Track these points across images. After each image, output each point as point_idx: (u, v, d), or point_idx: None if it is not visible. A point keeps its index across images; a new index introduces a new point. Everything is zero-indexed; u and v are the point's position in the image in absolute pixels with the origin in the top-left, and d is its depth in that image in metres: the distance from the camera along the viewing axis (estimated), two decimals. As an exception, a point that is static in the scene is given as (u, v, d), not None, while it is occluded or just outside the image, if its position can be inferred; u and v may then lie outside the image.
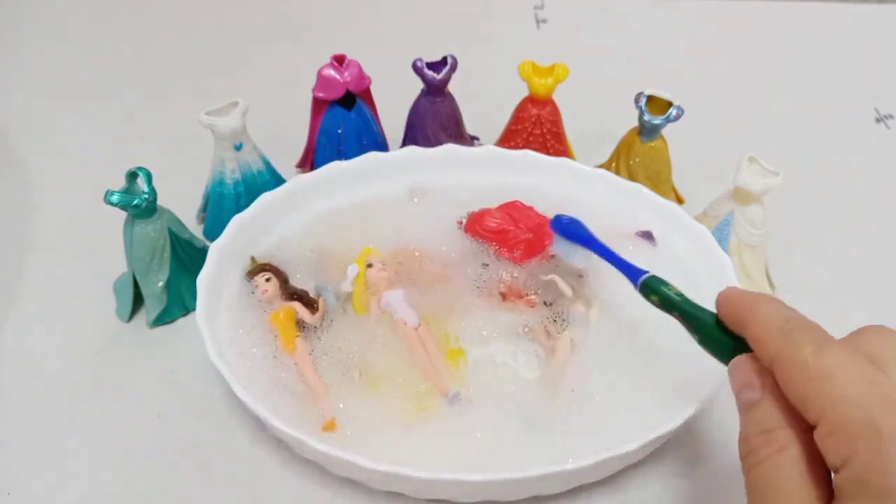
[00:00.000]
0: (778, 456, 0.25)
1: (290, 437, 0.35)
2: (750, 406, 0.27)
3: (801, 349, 0.26)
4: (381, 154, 0.50)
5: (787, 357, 0.26)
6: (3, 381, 0.43)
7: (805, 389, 0.25)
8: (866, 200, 0.57)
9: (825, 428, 0.24)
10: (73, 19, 0.76)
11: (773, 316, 0.28)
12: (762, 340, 0.28)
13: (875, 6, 0.80)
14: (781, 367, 0.26)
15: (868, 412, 0.23)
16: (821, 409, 0.24)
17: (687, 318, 0.33)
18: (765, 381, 0.27)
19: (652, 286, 0.35)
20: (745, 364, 0.28)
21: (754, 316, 0.28)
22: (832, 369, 0.25)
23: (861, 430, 0.23)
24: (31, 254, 0.51)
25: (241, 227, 0.45)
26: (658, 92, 0.49)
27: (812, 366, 0.25)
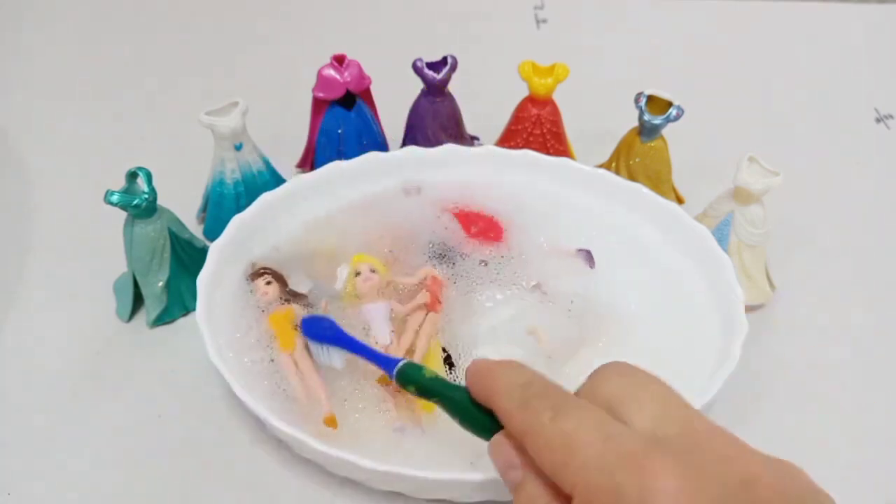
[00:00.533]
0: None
1: (290, 437, 0.35)
2: (516, 487, 0.27)
3: (540, 418, 0.25)
4: (381, 154, 0.50)
5: (529, 429, 0.26)
6: (3, 381, 0.43)
7: (552, 460, 0.25)
8: (866, 200, 0.57)
9: (578, 499, 0.24)
10: (73, 19, 0.76)
11: (511, 384, 0.27)
12: (507, 414, 0.27)
13: (875, 6, 0.80)
14: (528, 441, 0.26)
15: (610, 476, 0.23)
16: (570, 481, 0.24)
17: (443, 400, 0.32)
18: (524, 458, 0.27)
19: (408, 375, 0.34)
20: (503, 443, 0.28)
21: (496, 387, 0.28)
22: (570, 435, 0.24)
23: (607, 496, 0.23)
24: (31, 254, 0.51)
25: (241, 227, 0.45)
26: (658, 92, 0.49)
27: (552, 435, 0.25)
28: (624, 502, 0.22)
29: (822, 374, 0.45)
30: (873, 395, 0.44)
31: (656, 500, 0.22)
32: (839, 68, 0.72)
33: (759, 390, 0.43)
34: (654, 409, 0.25)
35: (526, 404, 0.26)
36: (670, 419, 0.25)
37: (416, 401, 0.38)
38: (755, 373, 0.43)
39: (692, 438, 0.25)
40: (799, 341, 0.46)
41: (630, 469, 0.23)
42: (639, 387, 0.27)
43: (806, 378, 0.44)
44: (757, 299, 0.47)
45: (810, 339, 0.47)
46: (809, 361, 0.45)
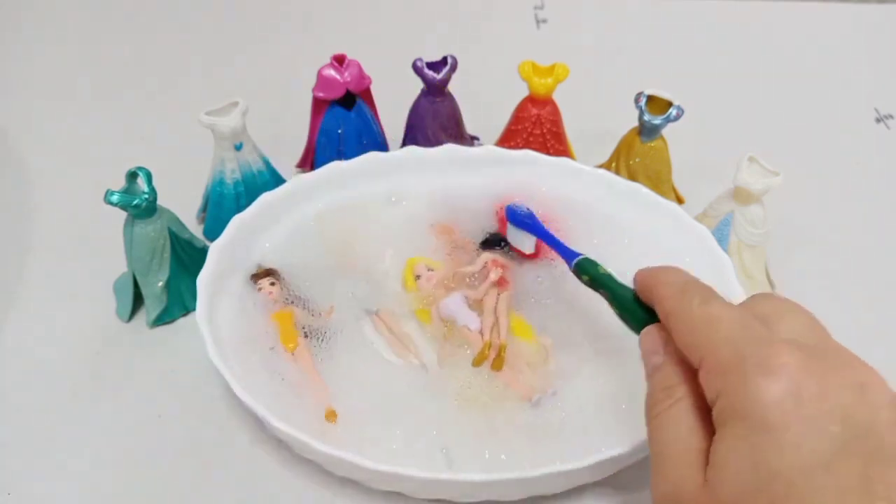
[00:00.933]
0: (675, 406, 0.28)
1: (290, 437, 0.35)
2: (655, 369, 0.30)
3: (690, 302, 0.29)
4: (381, 154, 0.50)
5: (678, 310, 0.29)
6: (3, 381, 0.43)
7: (690, 336, 0.28)
8: (866, 200, 0.57)
9: (704, 368, 0.27)
10: (73, 19, 0.76)
11: (672, 280, 0.31)
12: (661, 299, 0.30)
13: (875, 6, 0.80)
14: (673, 320, 0.29)
15: (737, 349, 0.26)
16: (702, 352, 0.27)
17: (611, 293, 0.35)
18: (668, 347, 0.30)
19: (584, 267, 0.38)
20: (653, 332, 0.31)
21: (658, 281, 0.31)
22: (713, 317, 0.27)
23: (731, 365, 0.25)
24: (31, 254, 0.51)
25: (241, 227, 0.45)
26: (658, 92, 0.49)
27: (696, 315, 0.28)
28: (743, 369, 0.25)
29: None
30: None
31: (775, 370, 0.24)
32: (839, 68, 0.72)
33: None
34: (798, 323, 0.28)
35: (682, 292, 0.29)
36: (809, 333, 0.27)
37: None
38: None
39: (824, 347, 0.27)
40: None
41: (758, 345, 0.25)
42: (790, 309, 0.29)
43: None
44: (757, 299, 0.47)
45: (810, 339, 0.47)
46: (809, 361, 0.45)
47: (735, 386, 0.25)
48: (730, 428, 0.25)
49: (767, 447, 0.23)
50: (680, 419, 0.27)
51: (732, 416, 0.25)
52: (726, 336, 0.26)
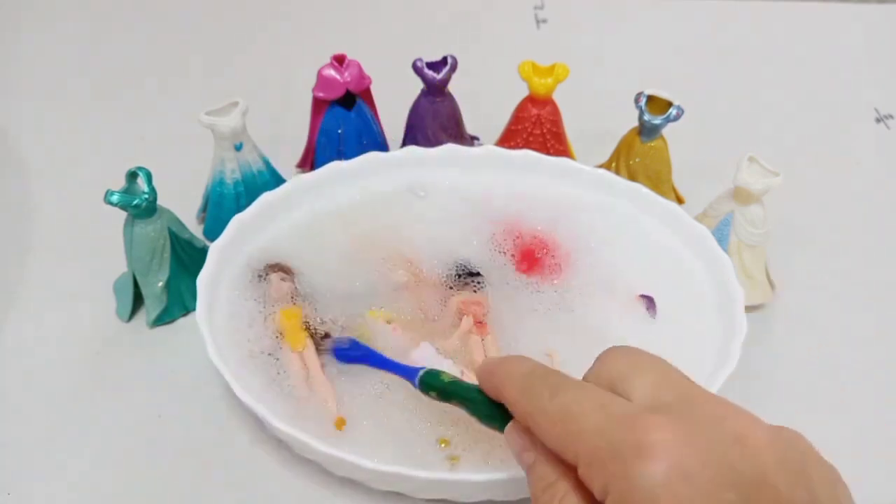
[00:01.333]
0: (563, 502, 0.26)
1: (290, 437, 0.35)
2: (529, 468, 0.28)
3: (541, 398, 0.27)
4: (381, 154, 0.50)
5: (532, 410, 0.27)
6: (3, 381, 0.43)
7: (553, 435, 0.26)
8: (866, 200, 0.57)
9: (582, 464, 0.25)
10: (73, 19, 0.76)
11: (515, 374, 0.29)
12: (511, 402, 0.29)
13: (875, 6, 0.80)
14: (532, 422, 0.27)
15: (606, 437, 0.24)
16: (571, 449, 0.25)
17: (461, 401, 0.33)
18: (534, 441, 0.28)
19: (428, 383, 0.35)
20: (516, 430, 0.29)
21: (501, 379, 0.30)
22: (568, 407, 0.26)
23: (606, 456, 0.24)
24: (31, 254, 0.51)
25: (241, 227, 0.45)
26: (658, 92, 0.49)
27: (551, 410, 0.26)
28: (621, 458, 0.23)
29: (821, 373, 0.45)
30: (874, 394, 0.44)
31: (652, 452, 0.23)
32: (839, 68, 0.72)
33: (759, 390, 0.43)
34: (653, 380, 0.26)
35: (528, 389, 0.28)
36: (667, 388, 0.26)
37: None
38: (755, 373, 0.43)
39: (688, 402, 0.26)
40: (799, 341, 0.46)
41: (625, 428, 0.24)
42: (639, 364, 0.28)
43: (806, 378, 0.44)
44: (757, 299, 0.47)
45: (810, 339, 0.47)
46: (809, 361, 0.45)
47: (619, 478, 0.23)
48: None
49: None
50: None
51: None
52: (590, 426, 0.25)
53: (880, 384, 0.44)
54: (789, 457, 0.24)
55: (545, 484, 0.27)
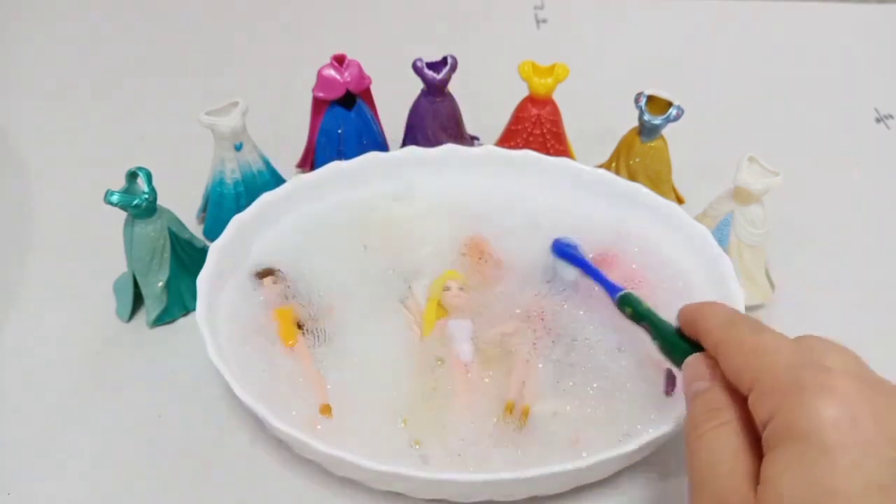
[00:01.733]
0: (720, 428, 0.28)
1: (290, 437, 0.35)
2: (698, 393, 0.30)
3: (740, 332, 0.29)
4: (381, 154, 0.50)
5: (728, 338, 0.30)
6: (3, 381, 0.43)
7: (741, 362, 0.28)
8: (866, 200, 0.57)
9: (756, 392, 0.27)
10: (72, 19, 0.76)
11: (719, 312, 0.32)
12: (709, 330, 0.31)
13: (875, 6, 0.80)
14: (724, 348, 0.29)
15: (795, 372, 0.26)
16: (754, 376, 0.27)
17: (653, 326, 0.37)
18: (714, 373, 0.30)
19: (627, 301, 0.39)
20: (697, 360, 0.31)
21: (703, 314, 0.32)
22: (765, 344, 0.28)
23: (788, 386, 0.26)
24: (31, 254, 0.51)
25: (241, 227, 0.45)
26: (658, 92, 0.49)
27: (748, 343, 0.29)
28: (802, 390, 0.25)
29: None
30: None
31: (832, 394, 0.25)
32: (839, 68, 0.72)
33: (759, 390, 0.43)
34: (844, 359, 0.28)
35: (732, 323, 0.30)
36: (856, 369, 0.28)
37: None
38: (755, 373, 0.43)
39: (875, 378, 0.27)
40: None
41: (816, 371, 0.26)
42: (835, 347, 0.29)
43: (806, 378, 0.44)
44: (757, 299, 0.47)
45: (810, 339, 0.47)
46: (809, 361, 0.45)
47: (791, 406, 0.25)
48: (784, 447, 0.25)
49: (824, 467, 0.24)
50: (727, 440, 0.27)
51: (788, 436, 0.25)
52: (783, 361, 0.27)
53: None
54: None
55: (710, 407, 0.29)
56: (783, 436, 0.25)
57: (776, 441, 0.25)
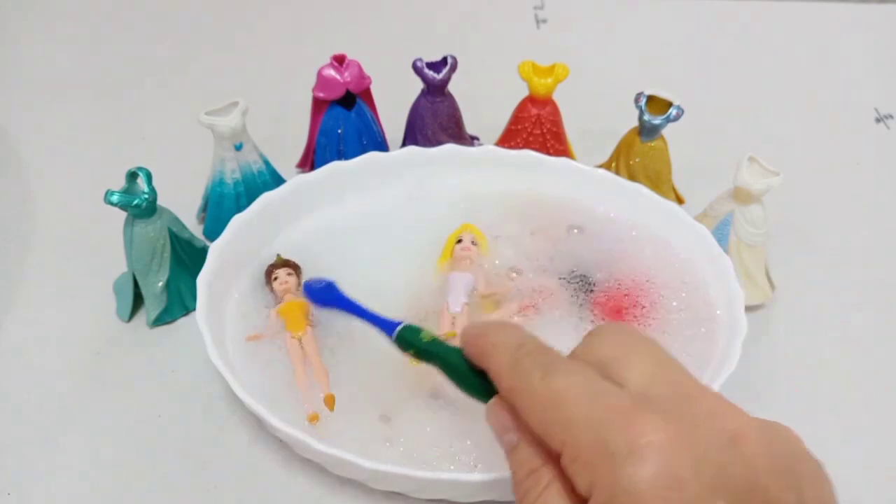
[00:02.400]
0: (546, 493, 0.25)
1: (290, 437, 0.35)
2: (511, 448, 0.27)
3: (530, 377, 0.25)
4: (381, 154, 0.50)
5: (519, 389, 0.26)
6: (3, 381, 0.43)
7: (540, 419, 0.25)
8: (866, 200, 0.57)
9: (566, 455, 0.24)
10: (73, 19, 0.76)
11: (504, 344, 0.28)
12: (497, 373, 0.27)
13: (875, 6, 0.80)
14: (517, 401, 0.26)
15: (597, 433, 0.23)
16: (558, 437, 0.24)
17: (441, 363, 0.31)
18: (518, 423, 0.27)
19: (406, 339, 0.33)
20: (500, 407, 0.28)
21: (489, 347, 0.28)
22: (559, 393, 0.25)
23: (595, 454, 0.23)
24: (31, 254, 0.51)
25: (241, 227, 0.45)
26: (658, 92, 0.49)
27: (541, 393, 0.25)
28: (611, 458, 0.22)
29: (821, 374, 0.45)
30: (873, 394, 0.44)
31: (644, 454, 0.22)
32: (839, 68, 0.72)
33: (759, 390, 0.43)
34: (647, 369, 0.25)
35: (517, 364, 0.26)
36: (662, 380, 0.25)
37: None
38: (755, 373, 0.43)
39: (682, 398, 0.25)
40: (799, 341, 0.46)
41: (618, 424, 0.23)
42: (633, 347, 0.26)
43: (806, 378, 0.44)
44: (757, 299, 0.47)
45: (810, 339, 0.47)
46: (809, 361, 0.45)
47: (606, 478, 0.22)
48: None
49: None
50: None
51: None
52: (580, 416, 0.24)
53: (880, 384, 0.44)
54: (780, 456, 0.24)
55: (528, 469, 0.26)
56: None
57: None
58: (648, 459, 0.22)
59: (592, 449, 0.23)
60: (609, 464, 0.22)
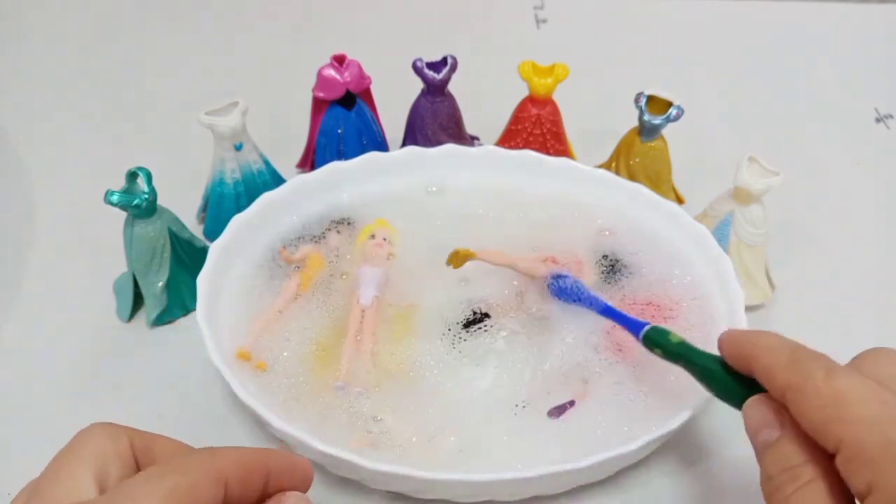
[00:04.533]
0: (806, 490, 0.25)
1: (290, 437, 0.35)
2: (768, 445, 0.27)
3: (812, 376, 0.26)
4: (381, 154, 0.50)
5: (799, 386, 0.26)
6: (3, 381, 0.43)
7: (820, 416, 0.25)
8: (866, 200, 0.57)
9: (845, 454, 0.24)
10: (73, 19, 0.76)
11: (778, 347, 0.28)
12: (771, 372, 0.28)
13: (875, 6, 0.80)
14: (794, 397, 0.26)
15: (885, 433, 0.23)
16: (838, 434, 0.24)
17: (691, 366, 0.33)
18: (782, 419, 0.27)
19: (653, 339, 0.35)
20: (761, 404, 0.28)
21: (759, 350, 0.29)
22: (845, 393, 0.25)
23: (881, 452, 0.23)
24: (31, 254, 0.51)
25: (241, 227, 0.45)
26: (658, 92, 0.49)
27: (824, 391, 0.25)
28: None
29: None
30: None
31: None
32: (839, 68, 0.72)
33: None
34: None
35: (796, 363, 0.27)
36: None
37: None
38: (755, 373, 0.43)
39: None
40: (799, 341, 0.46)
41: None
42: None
43: (806, 378, 0.44)
44: (757, 299, 0.47)
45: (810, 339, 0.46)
46: (809, 361, 0.45)
47: (891, 479, 0.23)
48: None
49: None
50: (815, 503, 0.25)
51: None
52: (867, 417, 0.24)
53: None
54: None
55: (788, 465, 0.26)
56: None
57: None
58: None
59: (880, 449, 0.23)
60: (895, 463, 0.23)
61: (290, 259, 0.45)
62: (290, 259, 0.45)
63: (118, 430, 0.27)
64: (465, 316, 0.42)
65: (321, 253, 0.46)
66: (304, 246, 0.46)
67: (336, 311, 0.43)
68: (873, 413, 0.24)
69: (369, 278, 0.44)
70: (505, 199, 0.49)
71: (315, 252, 0.46)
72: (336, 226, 0.47)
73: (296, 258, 0.45)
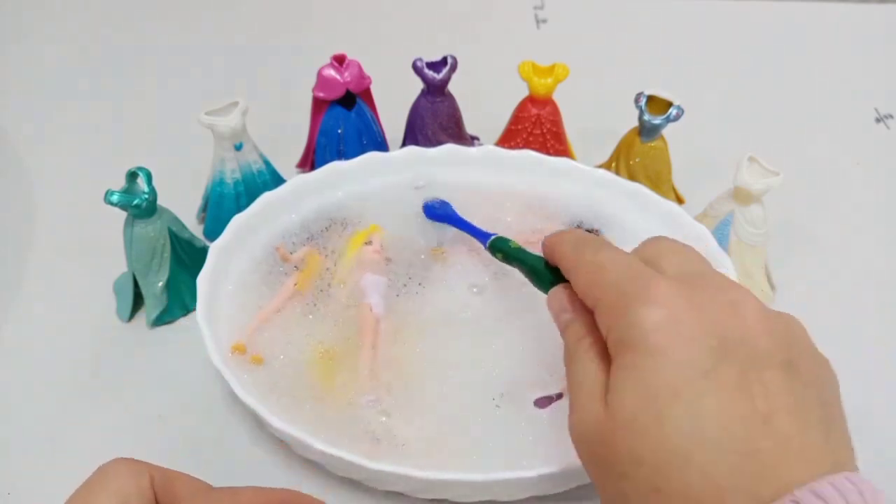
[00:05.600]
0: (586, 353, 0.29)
1: (290, 437, 0.35)
2: (566, 325, 0.32)
3: (584, 253, 0.31)
4: (382, 154, 0.50)
5: (575, 262, 0.32)
6: (3, 381, 0.43)
7: (586, 283, 0.30)
8: (866, 200, 0.57)
9: (598, 310, 0.29)
10: (73, 19, 0.76)
11: (569, 238, 0.33)
12: (561, 256, 0.33)
13: (875, 6, 0.80)
14: (572, 272, 0.32)
15: (621, 288, 0.28)
16: (595, 296, 0.29)
17: (523, 264, 0.38)
18: (574, 304, 0.32)
19: (496, 246, 0.41)
20: (559, 292, 0.33)
21: (559, 240, 0.34)
22: (602, 262, 0.30)
23: (616, 302, 0.28)
24: (31, 253, 0.51)
25: (241, 227, 0.45)
26: (658, 92, 0.49)
27: (589, 261, 0.31)
28: (628, 303, 0.27)
29: (822, 374, 0.45)
30: (873, 395, 0.44)
31: (653, 300, 0.26)
32: (839, 68, 0.72)
33: (759, 390, 0.43)
34: (678, 260, 0.30)
35: (576, 247, 0.32)
36: (689, 265, 0.30)
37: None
38: (755, 373, 0.43)
39: (700, 275, 0.29)
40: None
41: (638, 282, 0.28)
42: (674, 248, 0.31)
43: (806, 378, 0.44)
44: (757, 299, 0.47)
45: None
46: (809, 361, 0.45)
47: (620, 319, 0.27)
48: (620, 358, 0.27)
49: (653, 367, 0.26)
50: (588, 361, 0.29)
51: (622, 347, 0.27)
52: (613, 279, 0.29)
53: (880, 384, 0.44)
54: (777, 324, 0.27)
55: (578, 337, 0.30)
56: (619, 347, 0.27)
57: (615, 353, 0.27)
58: (656, 303, 0.26)
59: (615, 298, 0.28)
60: (625, 307, 0.27)
61: (288, 258, 0.45)
62: (288, 258, 0.45)
63: (140, 467, 0.29)
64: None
65: (320, 253, 0.45)
66: (303, 247, 0.46)
67: (340, 318, 0.42)
68: (618, 276, 0.29)
69: (374, 286, 0.44)
70: (505, 200, 0.49)
71: (314, 252, 0.46)
72: (336, 226, 0.47)
73: (294, 259, 0.45)
